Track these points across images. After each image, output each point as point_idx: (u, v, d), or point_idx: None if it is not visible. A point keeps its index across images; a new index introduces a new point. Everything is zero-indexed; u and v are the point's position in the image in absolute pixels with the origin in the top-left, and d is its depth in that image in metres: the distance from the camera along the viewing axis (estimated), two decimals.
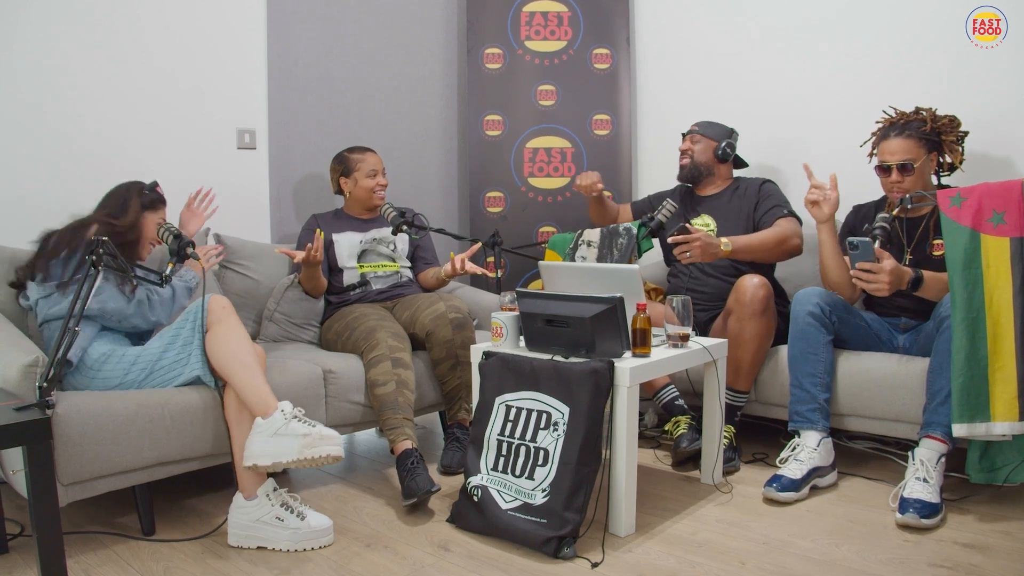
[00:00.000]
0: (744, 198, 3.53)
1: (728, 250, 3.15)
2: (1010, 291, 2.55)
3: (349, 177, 3.65)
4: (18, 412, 2.04)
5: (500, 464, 2.58)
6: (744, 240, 3.22)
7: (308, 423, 2.45)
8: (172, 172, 3.55)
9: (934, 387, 2.71)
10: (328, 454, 2.41)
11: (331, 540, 2.53)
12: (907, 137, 2.99)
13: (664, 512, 2.73)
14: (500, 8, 4.56)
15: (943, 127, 3.04)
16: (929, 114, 3.05)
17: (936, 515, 2.54)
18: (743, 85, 4.23)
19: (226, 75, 3.79)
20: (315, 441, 2.41)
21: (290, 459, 2.40)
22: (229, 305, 2.71)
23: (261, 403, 2.49)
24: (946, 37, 3.53)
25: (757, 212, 3.46)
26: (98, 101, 3.38)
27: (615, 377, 2.46)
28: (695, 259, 3.09)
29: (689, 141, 3.63)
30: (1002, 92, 3.40)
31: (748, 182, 3.58)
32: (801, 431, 2.94)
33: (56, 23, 3.25)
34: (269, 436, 2.42)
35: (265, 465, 2.41)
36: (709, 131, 3.61)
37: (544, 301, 2.62)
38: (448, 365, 3.24)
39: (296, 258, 3.25)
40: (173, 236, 2.75)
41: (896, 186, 3.00)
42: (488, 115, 4.57)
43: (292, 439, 2.41)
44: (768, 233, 3.29)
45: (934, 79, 3.56)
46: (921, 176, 3.00)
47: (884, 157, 3.04)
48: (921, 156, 2.99)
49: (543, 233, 4.54)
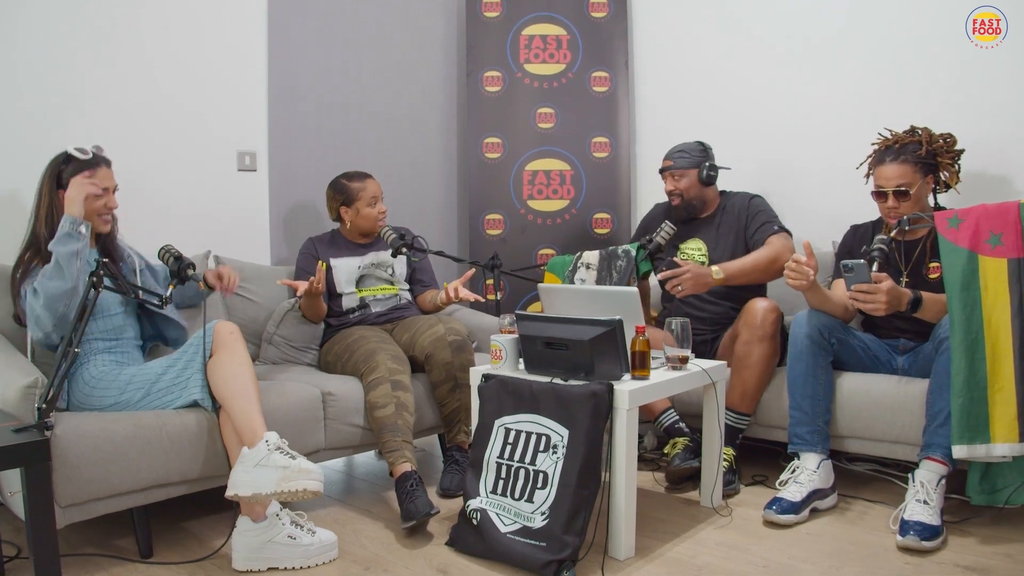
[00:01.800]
0: (733, 216, 3.52)
1: (720, 278, 3.16)
2: (1008, 312, 2.55)
3: (351, 207, 3.60)
4: (17, 434, 2.04)
5: (499, 487, 2.57)
6: (736, 265, 3.23)
7: (289, 455, 2.41)
8: (174, 192, 3.58)
9: (934, 408, 2.71)
10: (305, 488, 2.38)
11: (337, 554, 2.56)
12: (902, 162, 3.00)
13: (664, 535, 2.72)
14: (499, 32, 4.59)
15: (939, 148, 3.04)
16: (924, 135, 3.06)
17: (937, 537, 2.53)
18: (742, 106, 4.26)
19: (228, 97, 3.82)
20: (293, 474, 2.37)
21: (268, 491, 2.37)
22: (237, 331, 2.69)
23: (249, 432, 2.47)
24: (945, 57, 3.56)
25: (748, 230, 3.46)
26: (103, 121, 3.40)
27: (614, 400, 2.46)
28: (687, 292, 3.10)
29: (671, 180, 3.56)
30: (1001, 105, 3.43)
31: (736, 199, 3.57)
32: (801, 453, 2.94)
33: (60, 42, 3.27)
34: (251, 467, 2.40)
35: (245, 495, 2.39)
36: (684, 161, 3.53)
37: (543, 324, 2.63)
38: (447, 387, 3.24)
39: (299, 290, 3.24)
40: (174, 258, 2.75)
41: (893, 211, 3.00)
42: (488, 138, 4.60)
43: (272, 470, 2.38)
44: (760, 254, 3.30)
45: (933, 96, 3.58)
46: (917, 200, 3.00)
47: (880, 183, 3.04)
48: (917, 181, 2.99)
49: (542, 255, 4.55)
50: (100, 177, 2.72)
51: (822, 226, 3.66)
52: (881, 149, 3.12)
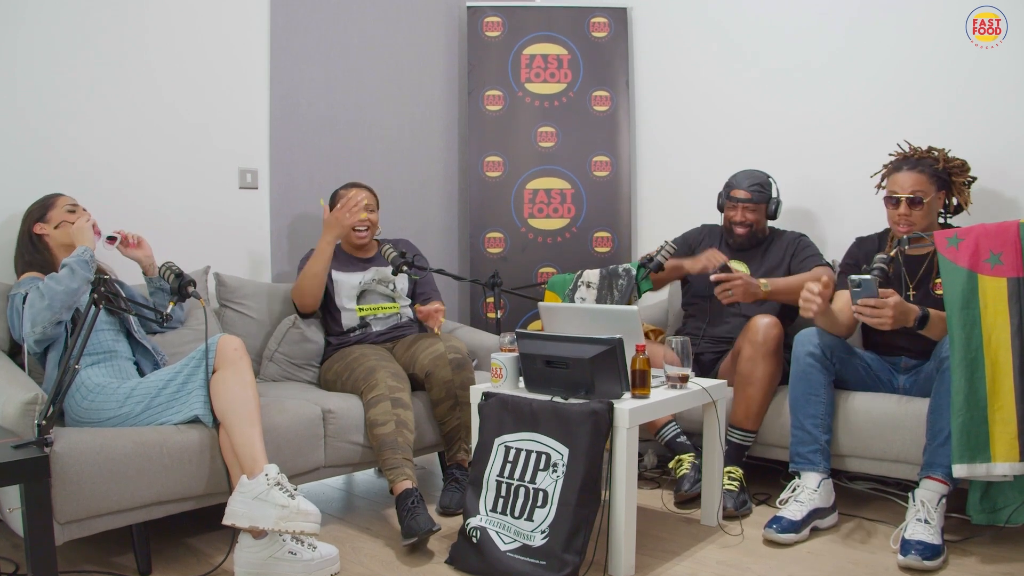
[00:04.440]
0: (782, 249, 3.58)
1: (767, 291, 3.19)
2: (1008, 331, 2.55)
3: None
4: (16, 450, 2.04)
5: (499, 505, 2.56)
6: (783, 282, 3.30)
7: (288, 493, 2.40)
8: (175, 208, 3.59)
9: (935, 428, 2.71)
10: (303, 530, 2.37)
11: (339, 568, 2.55)
12: (919, 172, 3.02)
13: (664, 554, 2.71)
14: (501, 51, 4.62)
15: (954, 168, 3.08)
16: (941, 155, 3.10)
17: (938, 557, 2.53)
18: (742, 126, 4.28)
19: (230, 114, 3.83)
20: (292, 515, 2.36)
21: (266, 527, 2.37)
22: (242, 347, 2.68)
23: (250, 460, 2.47)
24: (946, 66, 3.59)
25: (795, 259, 3.52)
26: (105, 136, 3.41)
27: (614, 418, 2.46)
28: (736, 299, 3.14)
29: (744, 211, 3.56)
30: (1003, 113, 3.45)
31: (786, 236, 3.64)
32: (802, 472, 2.93)
33: (63, 54, 3.28)
34: (251, 499, 2.39)
35: (243, 527, 2.39)
36: (760, 195, 3.55)
37: (543, 342, 2.63)
38: (447, 406, 3.23)
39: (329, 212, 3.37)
40: (175, 275, 2.73)
41: (904, 219, 3.01)
42: (488, 156, 4.61)
43: (271, 507, 2.37)
44: (804, 276, 3.33)
45: (935, 111, 3.61)
46: (929, 212, 3.02)
47: (894, 188, 3.05)
48: (931, 192, 3.01)
49: (543, 274, 4.56)
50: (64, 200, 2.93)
51: (822, 245, 3.69)
52: (899, 159, 3.15)
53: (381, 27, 4.45)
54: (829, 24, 3.97)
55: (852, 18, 3.89)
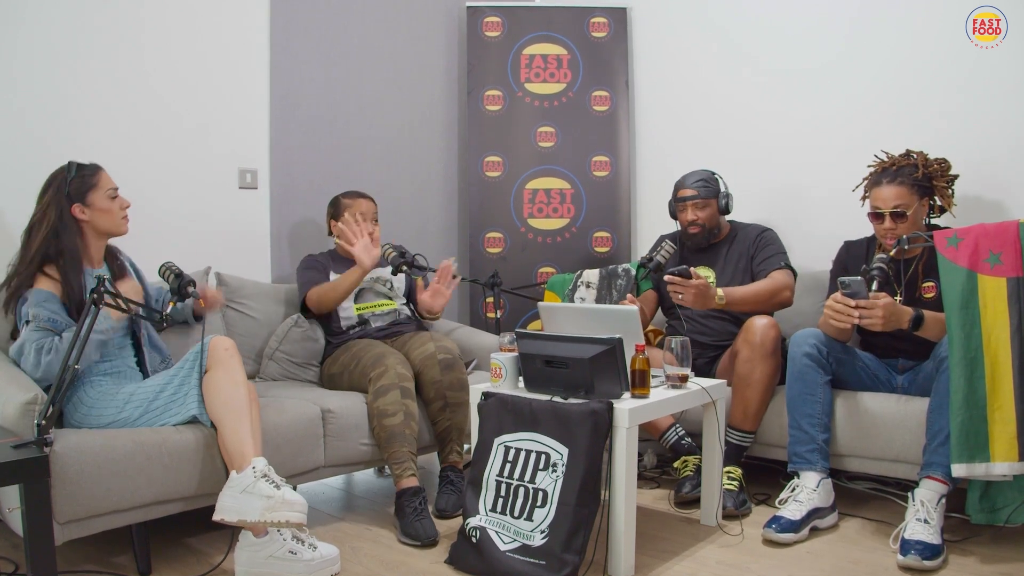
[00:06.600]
0: (744, 246, 3.54)
1: (722, 303, 3.17)
2: (1007, 331, 2.55)
3: (339, 221, 3.62)
4: (16, 450, 2.04)
5: (499, 505, 2.56)
6: (739, 293, 3.25)
7: (274, 484, 2.40)
8: (175, 209, 3.59)
9: (934, 427, 2.71)
10: (288, 520, 2.37)
11: (339, 568, 2.55)
12: (899, 184, 3.01)
13: (663, 554, 2.71)
14: (500, 51, 4.62)
15: (934, 172, 3.07)
16: (920, 158, 3.08)
17: (938, 557, 2.53)
18: (740, 127, 4.28)
19: (229, 115, 3.83)
20: (277, 505, 2.36)
21: (253, 519, 2.37)
22: (233, 347, 2.68)
23: (238, 455, 2.47)
24: (946, 69, 3.59)
25: (755, 260, 3.48)
26: (104, 137, 3.40)
27: (614, 418, 2.46)
28: (686, 304, 3.11)
29: (693, 210, 3.53)
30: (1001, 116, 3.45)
31: (748, 230, 3.59)
32: (800, 472, 2.93)
33: (63, 55, 3.29)
34: (238, 492, 2.40)
35: (231, 521, 2.39)
36: (706, 191, 3.52)
37: (543, 342, 2.63)
38: (437, 406, 3.19)
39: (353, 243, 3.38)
40: (174, 275, 2.73)
41: (890, 233, 3.01)
42: (488, 156, 4.62)
43: (257, 499, 2.37)
44: (761, 285, 3.32)
45: (931, 122, 3.60)
46: (914, 222, 3.02)
47: (877, 204, 3.05)
48: (913, 203, 3.01)
49: (542, 274, 4.56)
50: (107, 179, 2.78)
51: (821, 246, 3.67)
52: (878, 171, 3.15)
53: (381, 27, 4.45)
54: (829, 24, 3.97)
55: (852, 18, 3.89)
